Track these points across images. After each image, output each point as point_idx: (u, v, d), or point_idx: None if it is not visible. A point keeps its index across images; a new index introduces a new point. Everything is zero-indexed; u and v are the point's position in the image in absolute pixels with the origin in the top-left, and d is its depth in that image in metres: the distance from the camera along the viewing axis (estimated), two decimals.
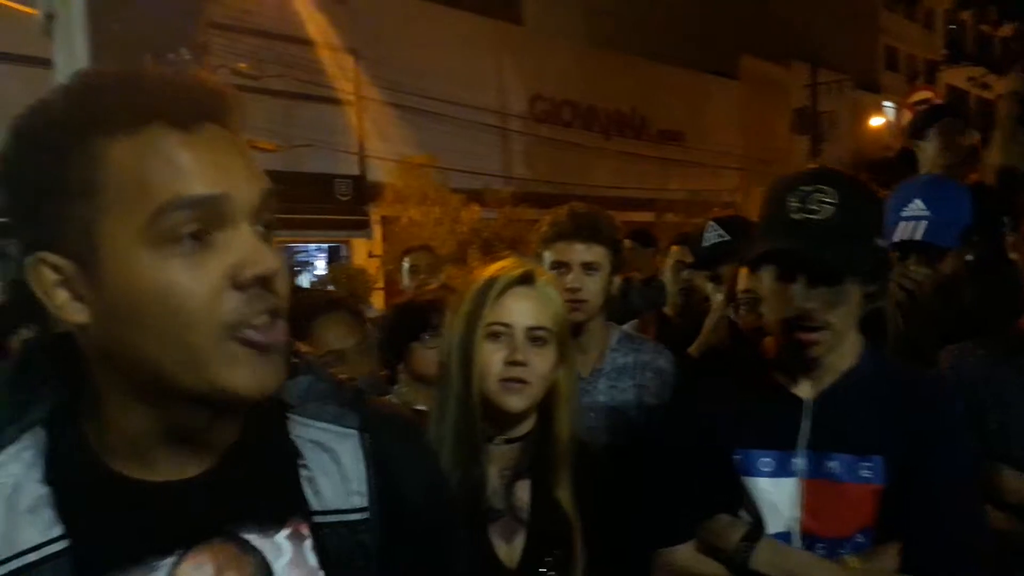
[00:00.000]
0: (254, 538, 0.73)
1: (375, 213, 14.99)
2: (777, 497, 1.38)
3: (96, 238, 0.65)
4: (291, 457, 0.77)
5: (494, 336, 1.42)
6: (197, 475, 0.73)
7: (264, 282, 0.67)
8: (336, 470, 0.77)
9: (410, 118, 14.94)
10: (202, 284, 0.65)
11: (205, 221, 0.66)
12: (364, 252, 14.97)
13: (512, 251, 1.64)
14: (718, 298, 2.50)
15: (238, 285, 0.66)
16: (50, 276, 0.67)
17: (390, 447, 0.81)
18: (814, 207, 1.31)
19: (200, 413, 0.70)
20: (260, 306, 0.67)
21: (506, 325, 1.42)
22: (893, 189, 2.21)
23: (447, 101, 15.26)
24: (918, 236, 2.02)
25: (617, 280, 2.08)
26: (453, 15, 16.31)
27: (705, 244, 2.44)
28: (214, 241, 0.66)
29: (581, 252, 1.98)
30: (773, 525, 1.39)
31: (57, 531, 0.69)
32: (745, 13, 22.12)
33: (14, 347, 2.59)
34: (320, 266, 15.17)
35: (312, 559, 0.75)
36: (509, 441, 1.44)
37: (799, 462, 1.38)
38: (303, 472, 0.77)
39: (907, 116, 8.37)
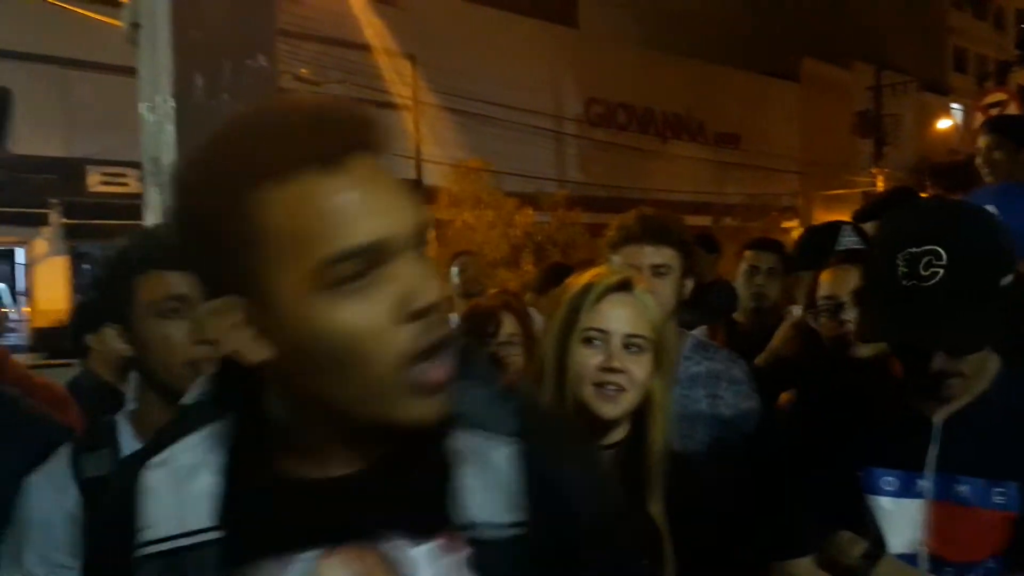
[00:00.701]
0: (400, 546, 0.72)
1: (430, 217, 15.09)
2: (899, 517, 1.35)
3: (268, 285, 0.67)
4: (446, 466, 0.75)
5: (589, 342, 1.41)
6: (354, 473, 0.74)
7: (431, 310, 0.67)
8: (492, 482, 0.75)
9: (465, 122, 15.06)
10: (371, 321, 0.66)
11: (369, 263, 0.66)
12: None
13: (565, 255, 1.63)
14: (794, 310, 2.45)
15: (407, 317, 0.67)
16: (232, 316, 0.69)
17: (550, 456, 0.78)
18: (924, 272, 1.25)
19: (369, 433, 0.72)
20: (430, 336, 0.67)
21: (602, 331, 1.41)
22: (965, 194, 2.13)
23: (502, 105, 15.33)
24: None
25: (689, 284, 2.05)
26: (508, 19, 16.38)
27: (839, 248, 2.36)
28: (378, 277, 0.66)
29: (650, 255, 1.95)
30: (895, 545, 1.35)
31: (212, 522, 0.72)
32: (806, 14, 21.68)
33: (93, 345, 2.69)
34: None
35: (463, 573, 0.73)
36: (602, 448, 1.42)
37: (926, 484, 1.34)
38: (459, 480, 0.75)
39: (978, 119, 8.07)
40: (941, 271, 1.25)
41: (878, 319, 1.35)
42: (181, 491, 0.73)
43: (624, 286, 1.44)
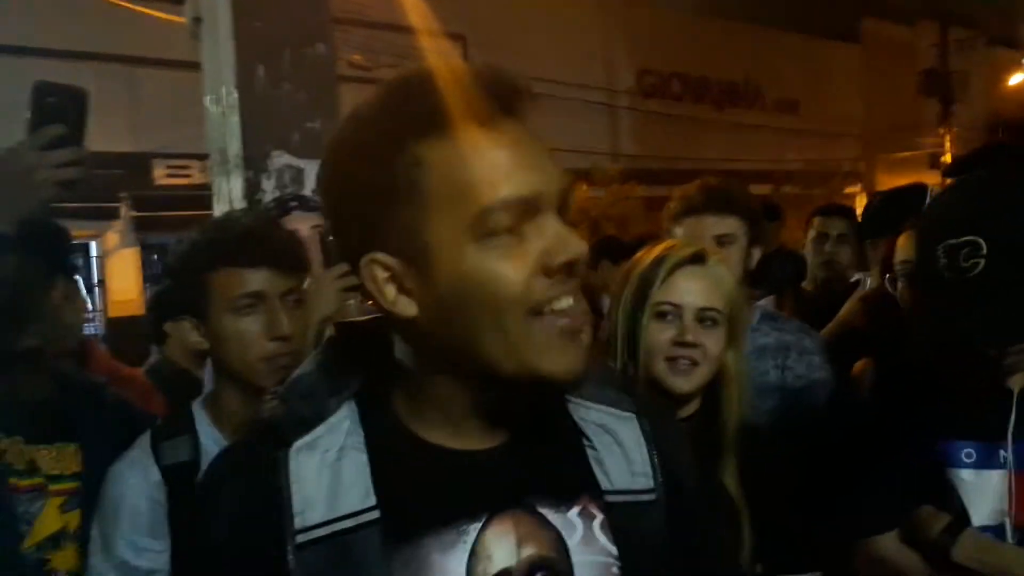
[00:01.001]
0: (548, 512, 0.76)
1: None
2: (981, 489, 1.34)
3: (424, 237, 0.70)
4: (578, 437, 0.80)
5: (662, 316, 1.41)
6: (497, 446, 0.77)
7: (571, 267, 0.71)
8: (620, 452, 0.80)
9: None
10: (518, 272, 0.70)
11: (521, 216, 0.70)
12: None
13: (620, 230, 1.63)
14: (867, 280, 2.39)
15: (547, 271, 0.70)
16: (381, 274, 0.73)
17: (663, 431, 0.84)
18: (964, 264, 1.24)
19: (512, 392, 0.74)
20: (564, 289, 0.72)
21: (675, 305, 1.41)
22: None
23: (553, 81, 15.18)
24: None
25: (756, 253, 2.01)
26: None
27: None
28: (526, 231, 0.71)
29: (713, 225, 1.92)
30: (978, 517, 1.34)
31: (371, 501, 0.73)
32: None
33: (171, 332, 2.78)
34: None
35: (603, 538, 0.77)
36: None
37: (1007, 455, 1.33)
38: (590, 452, 0.80)
39: None
40: (982, 262, 1.23)
41: (925, 320, 1.35)
42: (334, 473, 0.73)
43: (697, 258, 1.43)
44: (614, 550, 0.77)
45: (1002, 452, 1.32)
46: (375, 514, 0.73)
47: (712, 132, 18.17)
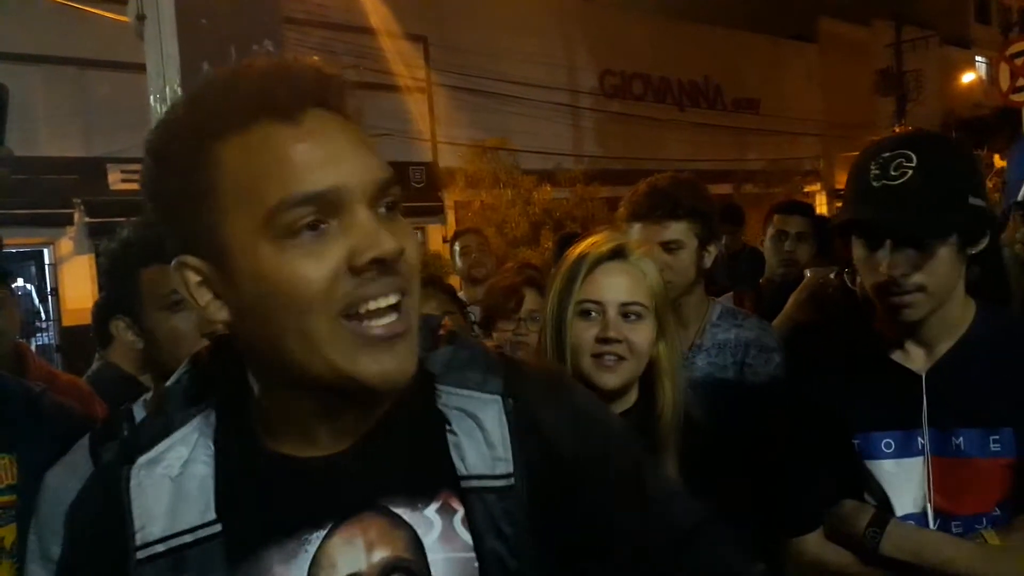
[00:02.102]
0: (404, 512, 0.73)
1: (448, 198, 15.09)
2: (903, 478, 1.34)
3: (222, 238, 0.68)
4: (439, 425, 0.77)
5: (585, 313, 1.39)
6: (347, 448, 0.74)
7: (382, 265, 0.67)
8: (481, 436, 0.76)
9: (479, 102, 14.95)
10: (320, 271, 0.66)
11: (321, 213, 0.66)
12: (439, 238, 15.11)
13: (585, 230, 1.61)
14: (807, 273, 2.40)
15: (354, 269, 0.66)
16: (192, 277, 0.71)
17: (537, 408, 0.80)
18: (894, 173, 1.27)
19: (339, 397, 0.71)
20: (376, 289, 0.67)
21: (597, 302, 1.39)
22: (1003, 149, 2.07)
23: (516, 82, 15.20)
24: None
25: (712, 250, 1.99)
26: None
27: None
28: (330, 229, 0.67)
29: (659, 232, 1.88)
30: (901, 507, 1.34)
31: (211, 515, 0.71)
32: None
33: (114, 334, 2.70)
34: None
35: (464, 533, 0.74)
36: None
37: (924, 441, 1.33)
38: (450, 439, 0.76)
39: (1004, 70, 7.85)
40: (910, 171, 1.26)
41: (846, 211, 1.36)
42: (176, 487, 0.71)
43: (617, 253, 1.41)
44: (472, 545, 0.74)
45: (919, 439, 1.33)
46: (216, 528, 0.70)
47: (674, 132, 18.36)
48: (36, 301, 11.73)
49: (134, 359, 2.53)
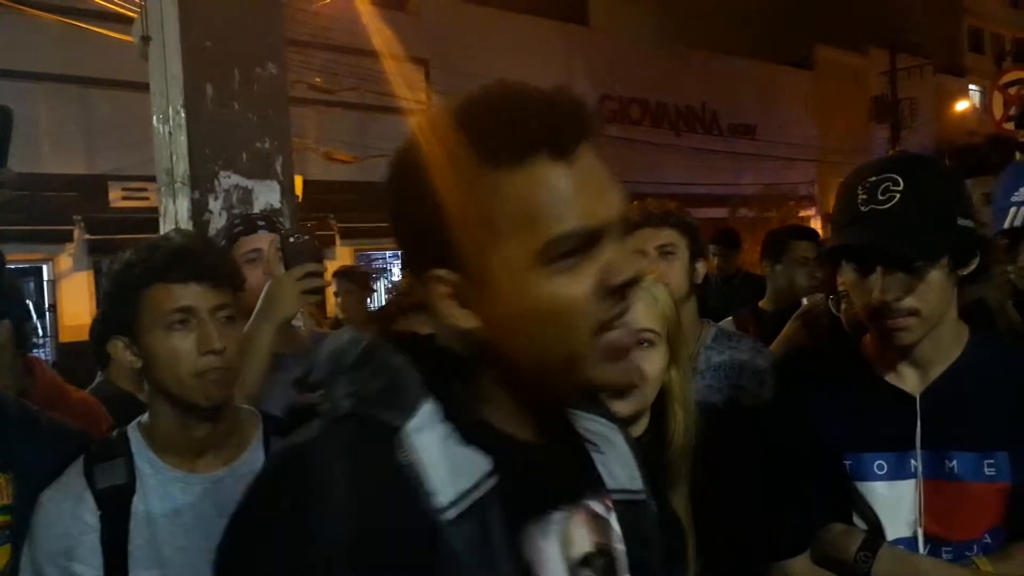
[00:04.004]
0: (593, 504, 0.82)
1: None
2: (895, 501, 1.32)
3: (489, 259, 0.72)
4: (584, 441, 0.86)
5: None
6: (547, 443, 0.81)
7: (629, 285, 0.74)
8: (617, 457, 0.88)
9: None
10: (580, 294, 0.72)
11: (585, 243, 0.72)
12: None
13: None
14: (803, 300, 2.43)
15: (608, 291, 0.73)
16: (442, 289, 0.74)
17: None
18: (881, 197, 1.28)
19: (557, 399, 0.81)
20: (620, 308, 0.74)
21: None
22: (997, 175, 2.10)
23: None
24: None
25: (701, 268, 2.03)
26: (517, 19, 16.36)
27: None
28: (589, 255, 0.73)
29: (652, 237, 1.95)
30: (893, 531, 1.33)
31: (489, 465, 0.74)
32: (818, 1, 21.44)
33: (111, 354, 2.70)
34: (396, 272, 15.43)
35: (619, 530, 0.83)
36: None
37: (917, 464, 1.31)
38: (597, 456, 0.86)
39: (998, 99, 7.93)
40: (898, 195, 1.27)
41: (835, 237, 1.35)
42: (449, 448, 0.74)
43: None
44: (623, 544, 0.83)
45: (912, 461, 1.32)
46: (495, 479, 0.74)
47: (671, 156, 18.47)
48: (34, 317, 11.71)
49: (133, 377, 2.54)
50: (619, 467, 0.87)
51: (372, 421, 0.74)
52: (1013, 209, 1.96)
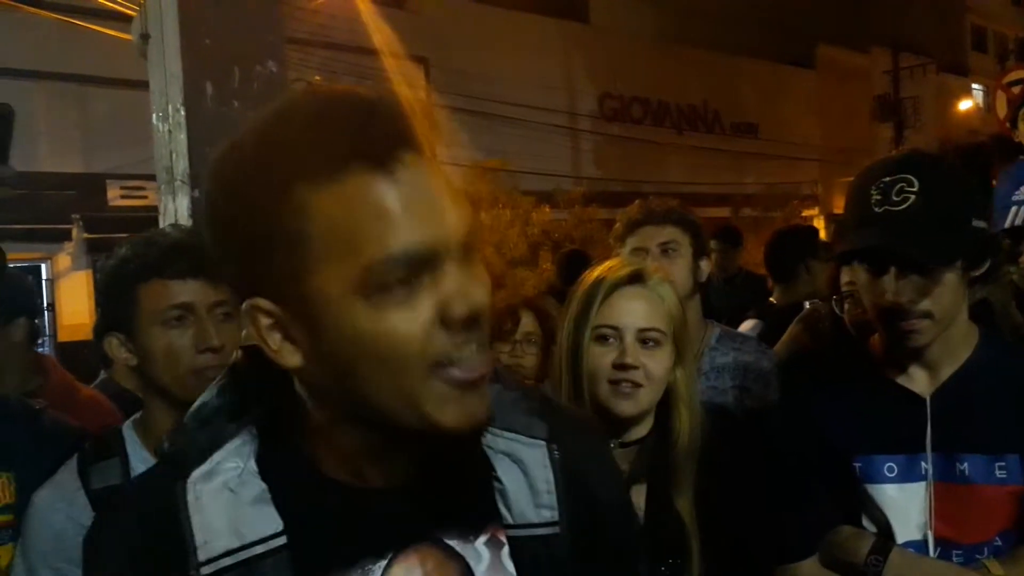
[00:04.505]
0: (456, 544, 0.74)
1: None
2: (905, 504, 1.31)
3: (307, 288, 0.64)
4: (484, 467, 0.77)
5: (603, 339, 1.37)
6: (402, 483, 0.74)
7: (471, 320, 0.66)
8: (525, 482, 0.77)
9: (479, 123, 15.03)
10: (413, 327, 0.64)
11: (416, 269, 0.64)
12: None
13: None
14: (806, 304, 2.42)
15: (446, 324, 0.65)
16: (263, 320, 0.67)
17: (579, 459, 0.80)
18: (896, 198, 1.25)
19: (410, 437, 0.70)
20: (467, 341, 0.66)
21: (615, 328, 1.37)
22: (997, 173, 2.08)
23: (516, 104, 15.30)
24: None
25: (704, 266, 2.02)
26: (518, 18, 16.34)
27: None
28: (424, 282, 0.65)
29: (655, 234, 1.94)
30: (903, 534, 1.31)
31: (278, 526, 0.69)
32: (820, 0, 21.42)
33: (108, 352, 2.69)
34: None
35: (509, 565, 0.75)
36: (624, 445, 1.39)
37: (927, 466, 1.30)
38: (496, 485, 0.77)
39: (1001, 98, 7.91)
40: (913, 196, 1.24)
41: (849, 238, 1.33)
42: (236, 500, 0.69)
43: (636, 278, 1.40)
44: None
45: (923, 463, 1.31)
46: (283, 540, 0.69)
47: (672, 155, 18.45)
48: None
49: (133, 375, 2.53)
50: (524, 496, 0.76)
51: (174, 465, 0.72)
52: (1014, 208, 1.95)
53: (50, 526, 1.32)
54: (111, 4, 6.99)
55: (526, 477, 0.77)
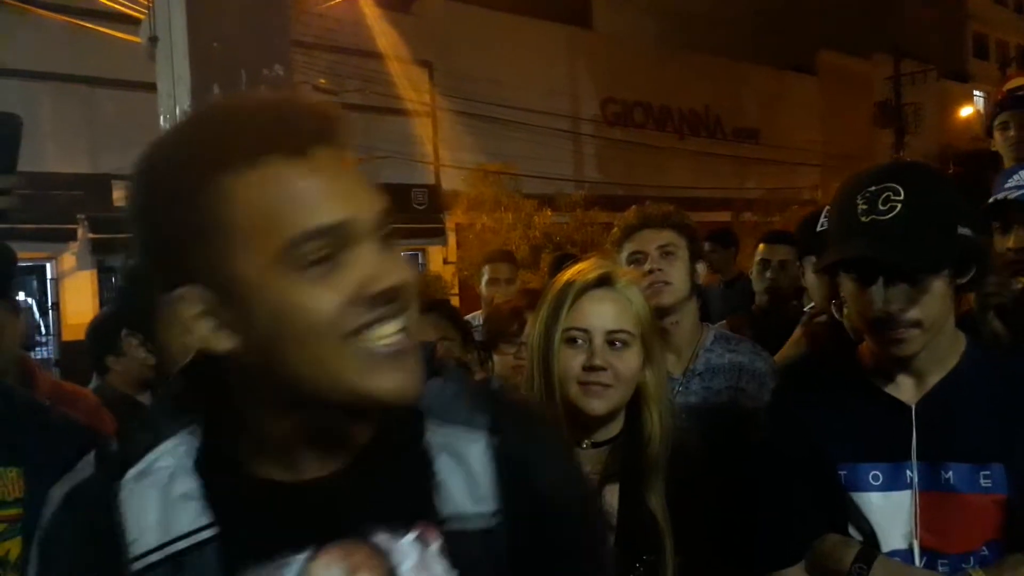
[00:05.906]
0: (383, 539, 0.74)
1: (450, 221, 15.15)
2: (890, 512, 1.30)
3: (232, 272, 0.68)
4: (422, 461, 0.77)
5: (572, 341, 1.40)
6: (331, 474, 0.75)
7: (391, 294, 0.69)
8: (464, 474, 0.77)
9: (483, 127, 15.07)
10: (331, 302, 0.67)
11: (332, 246, 0.68)
12: (439, 259, 15.15)
13: (584, 254, 1.63)
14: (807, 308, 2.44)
15: (364, 299, 0.68)
16: (191, 309, 0.70)
17: (523, 448, 0.79)
18: (882, 207, 1.25)
19: (342, 417, 0.73)
20: (385, 316, 0.69)
21: (583, 330, 1.39)
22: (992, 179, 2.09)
23: (519, 108, 15.34)
24: (1013, 196, 1.85)
25: (701, 270, 2.04)
26: (522, 22, 16.39)
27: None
28: (341, 261, 0.68)
29: (653, 237, 1.95)
30: (888, 542, 1.31)
31: (206, 519, 0.72)
32: (822, 5, 21.45)
33: (112, 366, 2.70)
34: None
35: (437, 564, 0.74)
36: (596, 445, 1.42)
37: (912, 474, 1.30)
38: (433, 480, 0.76)
39: None
40: (899, 205, 1.25)
41: (835, 248, 1.32)
42: (165, 497, 0.72)
43: (604, 281, 1.42)
44: (454, 574, 0.75)
45: (907, 472, 1.29)
46: (211, 532, 0.72)
47: (674, 160, 18.48)
48: (37, 315, 11.73)
49: (133, 378, 2.55)
50: (460, 489, 0.76)
51: (112, 466, 0.75)
52: (1003, 192, 1.94)
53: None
54: (118, 6, 7.04)
55: (465, 470, 0.76)
